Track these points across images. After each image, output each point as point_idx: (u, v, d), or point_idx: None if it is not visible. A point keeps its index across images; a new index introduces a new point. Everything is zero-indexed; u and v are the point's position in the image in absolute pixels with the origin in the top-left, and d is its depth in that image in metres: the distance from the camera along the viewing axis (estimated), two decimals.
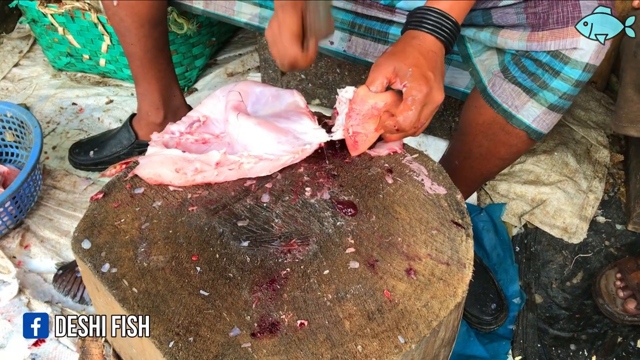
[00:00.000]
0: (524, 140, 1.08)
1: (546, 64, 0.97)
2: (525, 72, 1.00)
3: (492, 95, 1.06)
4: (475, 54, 1.12)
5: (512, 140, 1.09)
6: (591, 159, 1.65)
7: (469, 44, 1.13)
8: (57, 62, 1.97)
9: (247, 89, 0.99)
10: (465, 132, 1.15)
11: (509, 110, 1.04)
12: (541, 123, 1.04)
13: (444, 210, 0.89)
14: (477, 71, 1.11)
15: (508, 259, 1.42)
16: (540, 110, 1.02)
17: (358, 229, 0.86)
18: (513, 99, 1.03)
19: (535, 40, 0.96)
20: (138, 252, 0.82)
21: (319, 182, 0.92)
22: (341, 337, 0.73)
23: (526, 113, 1.03)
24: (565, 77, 0.97)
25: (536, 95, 1.01)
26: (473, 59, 1.12)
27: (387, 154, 0.97)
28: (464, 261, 0.83)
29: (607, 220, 1.54)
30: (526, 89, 1.01)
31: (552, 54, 0.96)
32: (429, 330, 0.75)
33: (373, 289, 0.78)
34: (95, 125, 1.80)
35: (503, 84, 1.04)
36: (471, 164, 1.17)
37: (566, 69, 0.96)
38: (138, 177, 0.93)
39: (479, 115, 1.10)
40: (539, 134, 1.06)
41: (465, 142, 1.16)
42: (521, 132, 1.06)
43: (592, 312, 1.34)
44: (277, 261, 0.81)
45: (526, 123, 1.04)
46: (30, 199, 1.46)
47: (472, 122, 1.12)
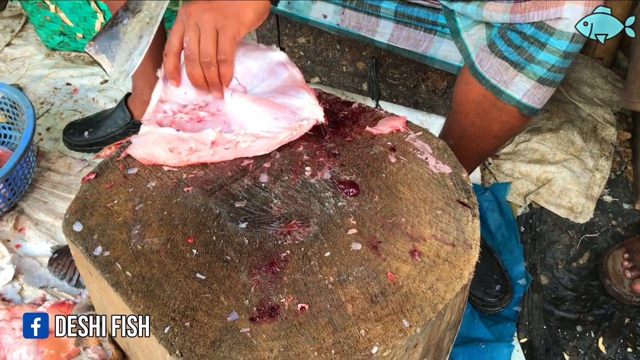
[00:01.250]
0: (517, 117, 1.05)
1: (531, 36, 0.94)
2: (511, 46, 0.97)
3: (480, 71, 1.03)
4: (464, 28, 1.08)
5: (504, 116, 1.05)
6: (598, 137, 1.61)
7: (458, 18, 1.09)
8: (50, 42, 1.92)
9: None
10: (457, 110, 1.12)
11: (497, 85, 1.01)
12: (532, 98, 1.00)
13: (449, 189, 0.86)
14: (465, 46, 1.07)
15: (513, 240, 1.39)
16: (529, 85, 0.99)
17: (360, 209, 0.82)
18: (501, 73, 1.00)
19: (518, 12, 0.92)
20: (132, 234, 0.79)
21: (319, 161, 0.89)
22: (343, 321, 0.70)
23: (515, 88, 1.00)
24: (552, 49, 0.93)
25: (524, 69, 0.97)
26: (462, 33, 1.08)
27: (390, 131, 0.94)
28: (470, 242, 0.80)
29: (614, 199, 1.50)
30: (513, 63, 0.98)
31: (536, 25, 0.92)
32: (435, 313, 0.72)
33: (376, 271, 0.75)
34: (90, 105, 1.76)
35: (490, 59, 1.01)
36: (466, 143, 1.14)
37: (552, 40, 0.92)
38: (131, 157, 0.90)
39: (469, 92, 1.07)
40: (531, 109, 1.02)
41: (458, 121, 1.13)
42: (512, 108, 1.03)
43: (598, 293, 1.31)
44: (276, 243, 0.78)
45: (516, 98, 1.01)
46: (24, 181, 1.43)
47: (462, 100, 1.09)
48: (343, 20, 1.40)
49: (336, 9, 1.38)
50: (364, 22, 1.40)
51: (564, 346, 1.23)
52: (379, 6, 1.33)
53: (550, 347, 1.23)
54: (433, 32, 1.36)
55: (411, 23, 1.36)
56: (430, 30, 1.36)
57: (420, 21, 1.34)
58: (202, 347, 0.68)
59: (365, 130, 0.94)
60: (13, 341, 1.15)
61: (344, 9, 1.38)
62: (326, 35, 1.58)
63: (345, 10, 1.38)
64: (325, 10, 1.42)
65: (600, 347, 1.23)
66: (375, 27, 1.40)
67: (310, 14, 1.45)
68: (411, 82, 1.59)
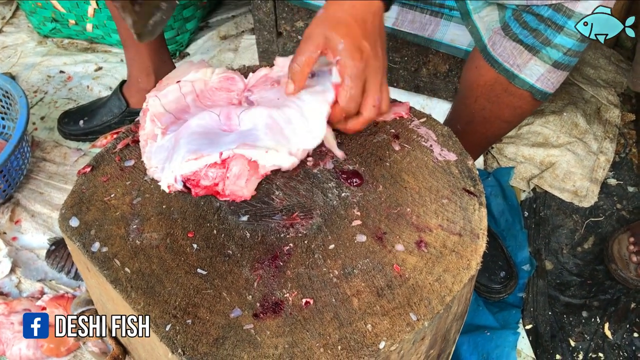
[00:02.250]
0: (529, 101, 1.02)
1: (548, 18, 0.91)
2: (526, 29, 0.94)
3: (492, 55, 1.00)
4: (474, 10, 1.05)
5: (516, 101, 1.03)
6: (601, 118, 1.59)
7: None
8: (43, 28, 1.88)
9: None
10: (466, 94, 1.09)
11: (510, 69, 0.99)
12: (546, 82, 0.98)
13: (455, 177, 0.84)
14: (476, 29, 1.04)
15: (517, 225, 1.37)
16: (544, 69, 0.97)
17: (364, 200, 0.80)
18: (515, 57, 0.97)
19: None
20: (130, 229, 0.77)
21: (322, 150, 0.86)
22: (349, 315, 0.69)
23: (529, 72, 0.98)
24: (570, 32, 0.91)
25: (539, 53, 0.95)
26: (472, 15, 1.05)
27: (393, 119, 0.91)
28: (477, 231, 0.78)
29: (619, 182, 1.49)
30: (528, 47, 0.95)
31: (554, 7, 0.89)
32: (443, 305, 0.70)
33: (382, 263, 0.74)
34: (85, 93, 1.73)
35: (504, 42, 0.98)
36: (474, 128, 1.12)
37: (570, 23, 0.90)
38: (128, 149, 0.87)
39: (480, 76, 1.04)
40: (544, 94, 1.00)
41: (467, 105, 1.10)
42: (525, 93, 1.00)
43: (604, 277, 1.30)
44: (279, 236, 0.76)
45: (530, 83, 0.98)
46: (18, 172, 1.40)
47: (473, 84, 1.07)
48: None
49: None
50: None
51: (569, 332, 1.22)
52: None
53: (556, 333, 1.22)
54: (439, 15, 1.32)
55: (417, 6, 1.33)
56: (437, 13, 1.32)
57: (426, 3, 1.31)
58: (205, 345, 0.66)
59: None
60: (12, 335, 1.13)
61: None
62: None
63: None
64: None
65: (606, 332, 1.22)
66: None
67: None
68: (412, 66, 1.56)
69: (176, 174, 0.76)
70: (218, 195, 0.78)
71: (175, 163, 0.76)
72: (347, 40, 0.76)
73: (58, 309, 1.16)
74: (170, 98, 0.83)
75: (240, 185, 0.77)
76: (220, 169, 0.76)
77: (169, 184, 0.77)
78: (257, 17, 1.62)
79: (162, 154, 0.78)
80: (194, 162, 0.75)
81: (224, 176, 0.76)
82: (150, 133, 0.80)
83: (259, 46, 1.69)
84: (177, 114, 0.83)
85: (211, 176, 0.76)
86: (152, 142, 0.79)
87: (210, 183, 0.76)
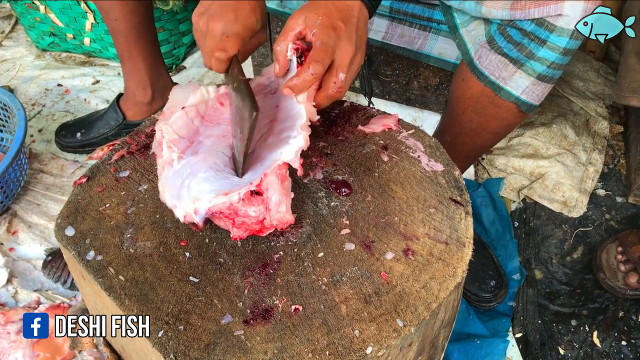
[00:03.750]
0: (515, 113, 1.05)
1: (531, 32, 0.94)
2: (511, 42, 0.97)
3: (478, 67, 1.03)
4: (462, 24, 1.08)
5: (503, 113, 1.05)
6: (590, 130, 1.62)
7: (455, 14, 1.09)
8: (41, 42, 1.91)
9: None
10: (454, 106, 1.12)
11: (496, 82, 1.01)
12: (531, 94, 1.01)
13: (442, 187, 0.86)
14: (463, 42, 1.07)
15: (507, 235, 1.39)
16: (529, 81, 0.99)
17: (353, 209, 0.82)
18: (500, 70, 1.00)
19: (518, 9, 0.92)
20: (124, 238, 0.79)
21: (312, 161, 0.89)
22: (337, 322, 0.71)
23: (514, 84, 1.00)
24: (552, 46, 0.93)
25: (523, 66, 0.97)
26: (460, 29, 1.08)
27: (382, 130, 0.94)
28: (464, 240, 0.80)
29: (607, 192, 1.51)
30: (513, 60, 0.98)
31: (537, 22, 0.92)
32: (429, 312, 0.72)
33: (370, 271, 0.75)
34: (82, 106, 1.75)
35: (489, 55, 1.01)
36: (463, 139, 1.14)
37: (552, 37, 0.92)
38: (123, 160, 0.89)
39: (467, 88, 1.07)
40: (529, 106, 1.02)
41: (455, 117, 1.13)
42: (511, 105, 1.03)
43: (593, 286, 1.32)
44: (269, 245, 0.78)
45: (515, 95, 1.01)
46: (16, 183, 1.42)
47: (460, 96, 1.09)
48: None
49: None
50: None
51: (558, 340, 1.24)
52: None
53: (545, 342, 1.23)
54: (428, 29, 1.35)
55: (406, 20, 1.36)
56: (425, 27, 1.35)
57: (415, 18, 1.34)
58: (196, 350, 0.68)
59: (358, 129, 0.94)
60: (8, 345, 1.14)
61: None
62: None
63: None
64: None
65: (594, 340, 1.23)
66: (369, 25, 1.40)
67: None
68: (403, 79, 1.59)
69: (201, 208, 0.73)
70: (262, 232, 0.75)
71: (200, 195, 0.74)
72: (324, 19, 0.79)
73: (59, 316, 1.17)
74: (180, 124, 0.83)
75: (282, 211, 0.74)
76: (260, 204, 0.74)
77: (186, 213, 0.74)
78: None
79: (177, 180, 0.77)
80: (222, 197, 0.73)
81: (266, 209, 0.74)
82: (168, 160, 0.79)
83: (253, 60, 1.72)
84: (190, 138, 0.83)
85: (254, 215, 0.74)
86: (169, 168, 0.78)
87: (256, 221, 0.74)
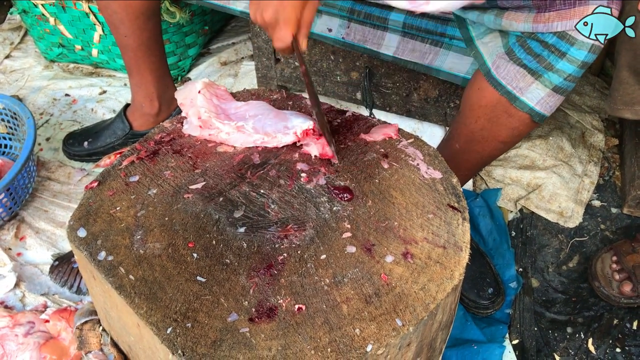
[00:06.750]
0: (527, 123, 1.08)
1: (552, 45, 0.97)
2: (530, 54, 1.00)
3: (496, 77, 1.06)
4: (477, 36, 1.11)
5: (515, 122, 1.08)
6: (586, 143, 1.65)
7: (470, 27, 1.12)
8: (49, 53, 1.95)
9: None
10: (467, 114, 1.14)
11: (513, 92, 1.04)
12: (544, 105, 1.04)
13: (440, 194, 0.89)
14: (480, 54, 1.10)
15: (504, 244, 1.42)
16: (544, 92, 1.02)
17: (354, 213, 0.86)
18: (518, 80, 1.03)
19: (541, 22, 0.95)
20: (134, 239, 0.82)
21: (315, 167, 0.92)
22: (339, 320, 0.73)
23: (530, 95, 1.03)
24: (571, 59, 0.96)
25: (541, 77, 1.00)
26: (475, 41, 1.12)
27: (383, 139, 0.97)
28: (461, 244, 0.83)
29: (603, 203, 1.54)
30: (531, 71, 1.01)
31: (559, 34, 0.95)
32: (427, 312, 0.75)
33: (370, 272, 0.78)
34: (89, 116, 1.79)
35: (508, 66, 1.03)
36: (473, 147, 1.17)
37: (572, 50, 0.95)
38: (133, 166, 0.93)
39: (482, 97, 1.09)
40: (541, 117, 1.05)
41: (466, 125, 1.15)
42: (524, 115, 1.06)
43: (588, 295, 1.35)
44: (274, 246, 0.81)
45: (530, 105, 1.04)
46: (24, 190, 1.45)
47: (474, 105, 1.12)
48: (348, 33, 1.41)
49: (342, 23, 1.38)
50: (369, 36, 1.41)
51: (554, 347, 1.26)
52: (387, 18, 1.35)
53: (541, 348, 1.26)
54: (439, 45, 1.38)
55: (418, 35, 1.38)
56: (437, 42, 1.38)
57: (428, 33, 1.36)
58: (203, 346, 0.71)
59: (359, 138, 0.97)
60: (16, 347, 1.17)
61: (349, 22, 1.38)
62: (321, 46, 1.62)
63: (351, 24, 1.39)
64: (331, 24, 1.43)
65: (590, 347, 1.26)
66: (380, 41, 1.42)
67: (314, 28, 1.47)
68: (404, 91, 1.63)
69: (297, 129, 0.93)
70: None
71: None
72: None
73: (61, 322, 1.20)
74: (205, 104, 0.97)
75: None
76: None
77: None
78: (257, 44, 1.69)
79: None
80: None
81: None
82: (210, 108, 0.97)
83: (257, 72, 1.76)
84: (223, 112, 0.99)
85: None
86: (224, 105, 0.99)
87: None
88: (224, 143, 0.97)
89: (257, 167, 0.92)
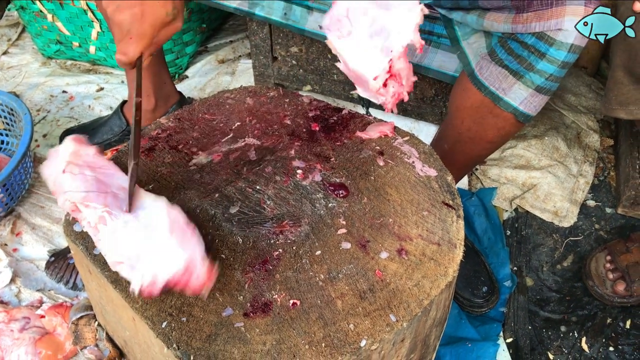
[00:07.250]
0: (512, 123, 1.09)
1: (532, 45, 0.98)
2: (511, 55, 1.01)
3: (479, 78, 1.07)
4: (463, 37, 1.12)
5: (500, 123, 1.09)
6: (581, 143, 1.66)
7: (457, 27, 1.13)
8: (47, 50, 1.95)
9: None
10: (454, 116, 1.16)
11: (496, 92, 1.05)
12: (528, 105, 1.04)
13: (435, 191, 0.90)
14: (465, 54, 1.11)
15: (499, 243, 1.43)
16: (527, 93, 1.03)
17: (349, 210, 0.86)
18: (500, 81, 1.04)
19: (520, 22, 0.96)
20: None
21: (311, 164, 0.92)
22: (333, 316, 0.74)
23: (513, 95, 1.04)
24: (551, 59, 0.97)
25: (523, 78, 1.01)
26: (461, 42, 1.12)
27: (379, 136, 0.98)
28: (455, 241, 0.83)
29: (597, 203, 1.55)
30: (513, 72, 1.02)
31: (537, 35, 0.96)
32: (420, 308, 0.75)
33: (365, 268, 0.79)
34: (86, 112, 1.79)
35: (490, 67, 1.04)
36: (461, 147, 1.18)
37: (551, 51, 0.96)
38: None
39: (467, 98, 1.10)
40: (526, 116, 1.06)
41: (454, 126, 1.16)
42: (509, 115, 1.07)
43: (582, 294, 1.35)
44: (269, 242, 0.82)
45: (514, 105, 1.05)
46: (21, 186, 1.45)
47: (460, 106, 1.13)
48: None
49: None
50: None
51: (548, 345, 1.27)
52: None
53: (535, 347, 1.26)
54: (428, 42, 1.39)
55: None
56: (426, 40, 1.39)
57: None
58: (198, 340, 0.71)
59: (355, 135, 0.98)
60: (11, 342, 1.17)
61: None
62: (318, 45, 1.62)
63: None
64: (321, 20, 1.44)
65: (583, 346, 1.26)
66: None
67: (306, 25, 1.48)
68: None
69: None
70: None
71: None
72: None
73: (57, 317, 1.20)
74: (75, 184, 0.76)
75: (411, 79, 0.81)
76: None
77: None
78: (254, 42, 1.69)
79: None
80: None
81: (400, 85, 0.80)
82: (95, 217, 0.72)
83: (255, 70, 1.76)
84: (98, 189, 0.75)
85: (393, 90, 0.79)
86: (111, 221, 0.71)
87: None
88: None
89: (253, 163, 0.93)
